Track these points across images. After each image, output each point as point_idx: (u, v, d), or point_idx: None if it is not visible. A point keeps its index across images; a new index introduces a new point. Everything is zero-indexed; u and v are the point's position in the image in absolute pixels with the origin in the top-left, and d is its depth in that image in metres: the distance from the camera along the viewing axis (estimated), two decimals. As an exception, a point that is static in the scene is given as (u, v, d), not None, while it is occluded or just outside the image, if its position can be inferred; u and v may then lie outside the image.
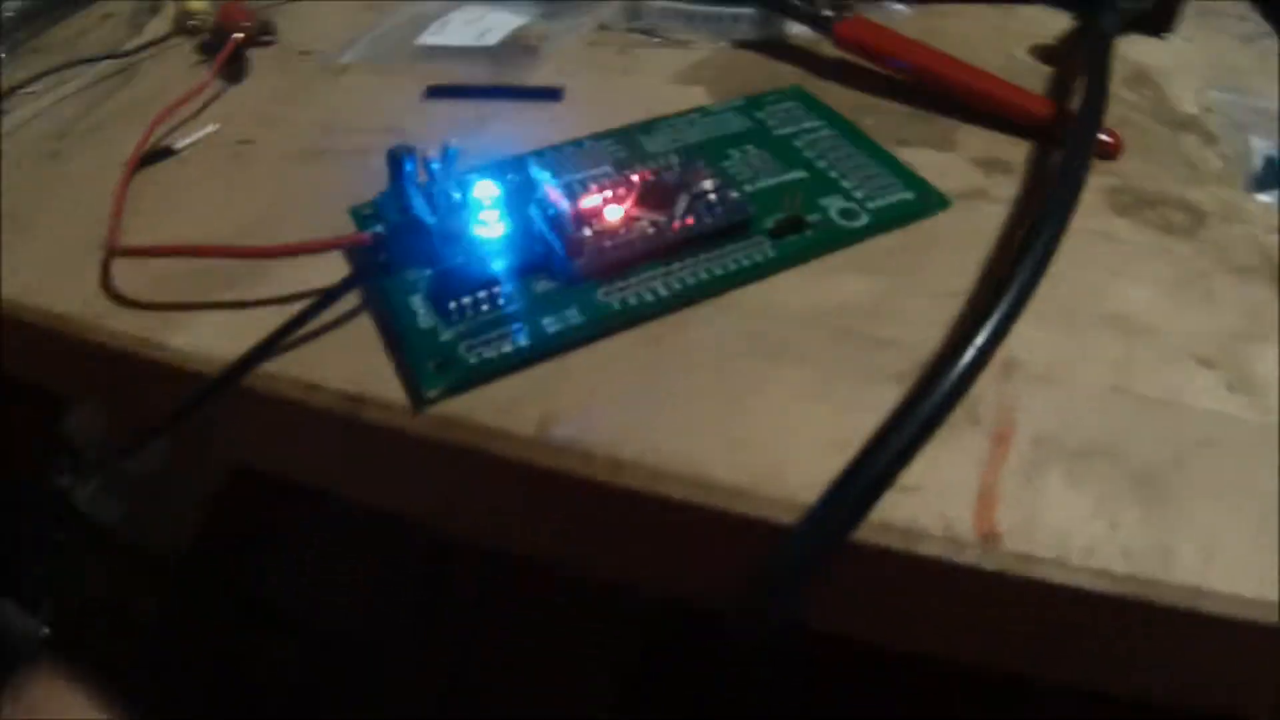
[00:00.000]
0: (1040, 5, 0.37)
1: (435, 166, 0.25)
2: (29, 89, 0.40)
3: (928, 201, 0.27)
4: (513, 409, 0.22)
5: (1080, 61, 0.33)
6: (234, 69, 0.38)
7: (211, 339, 0.26)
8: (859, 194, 0.27)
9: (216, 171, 0.33)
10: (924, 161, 0.29)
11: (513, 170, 0.28)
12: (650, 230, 0.24)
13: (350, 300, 0.25)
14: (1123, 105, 0.32)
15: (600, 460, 0.21)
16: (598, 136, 0.30)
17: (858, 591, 0.21)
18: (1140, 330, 0.24)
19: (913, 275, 0.25)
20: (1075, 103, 0.29)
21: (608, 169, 0.28)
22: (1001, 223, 0.27)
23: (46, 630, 0.57)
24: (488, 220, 0.25)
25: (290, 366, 0.24)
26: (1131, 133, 0.30)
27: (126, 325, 0.27)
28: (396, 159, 0.25)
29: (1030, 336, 0.23)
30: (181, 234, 0.30)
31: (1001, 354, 0.22)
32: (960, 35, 0.35)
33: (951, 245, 0.26)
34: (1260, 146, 0.30)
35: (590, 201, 0.25)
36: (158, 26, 0.44)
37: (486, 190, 0.25)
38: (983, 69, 0.31)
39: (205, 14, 0.42)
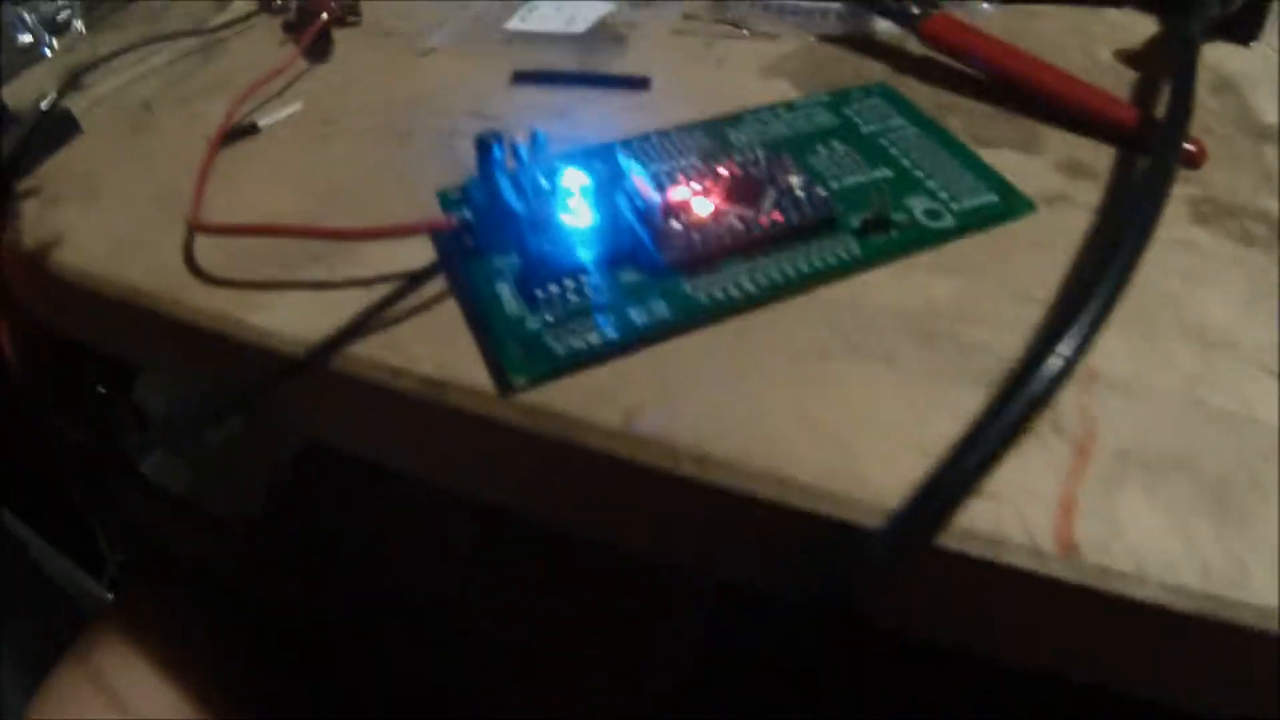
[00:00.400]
0: (1127, 9, 0.37)
1: (523, 152, 0.26)
2: (112, 63, 0.41)
3: (1012, 204, 0.27)
4: (599, 400, 0.22)
5: (1165, 67, 0.32)
6: (319, 48, 0.39)
7: (292, 318, 0.26)
8: (944, 195, 0.27)
9: (300, 150, 0.33)
10: (1007, 163, 0.28)
11: (600, 159, 0.28)
12: (738, 225, 0.24)
13: (435, 285, 0.26)
14: (1205, 113, 0.31)
15: (684, 454, 0.21)
16: (684, 128, 0.30)
17: (934, 596, 0.21)
18: (1217, 342, 0.23)
19: (997, 279, 0.25)
20: (1159, 109, 0.29)
21: (694, 160, 0.28)
22: (1085, 228, 0.26)
23: (110, 594, 0.58)
24: (575, 209, 0.25)
25: (374, 349, 0.25)
26: (1214, 141, 0.30)
27: (205, 301, 0.27)
28: (485, 145, 0.26)
29: (1111, 346, 0.22)
30: (264, 211, 0.30)
31: (1084, 363, 0.22)
32: (1044, 36, 0.35)
33: (1036, 249, 0.26)
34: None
35: (678, 194, 0.25)
36: (241, 6, 0.45)
37: (575, 179, 0.25)
38: (1067, 72, 0.30)
39: (291, -8, 0.42)
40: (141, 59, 0.41)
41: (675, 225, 0.24)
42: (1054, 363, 0.21)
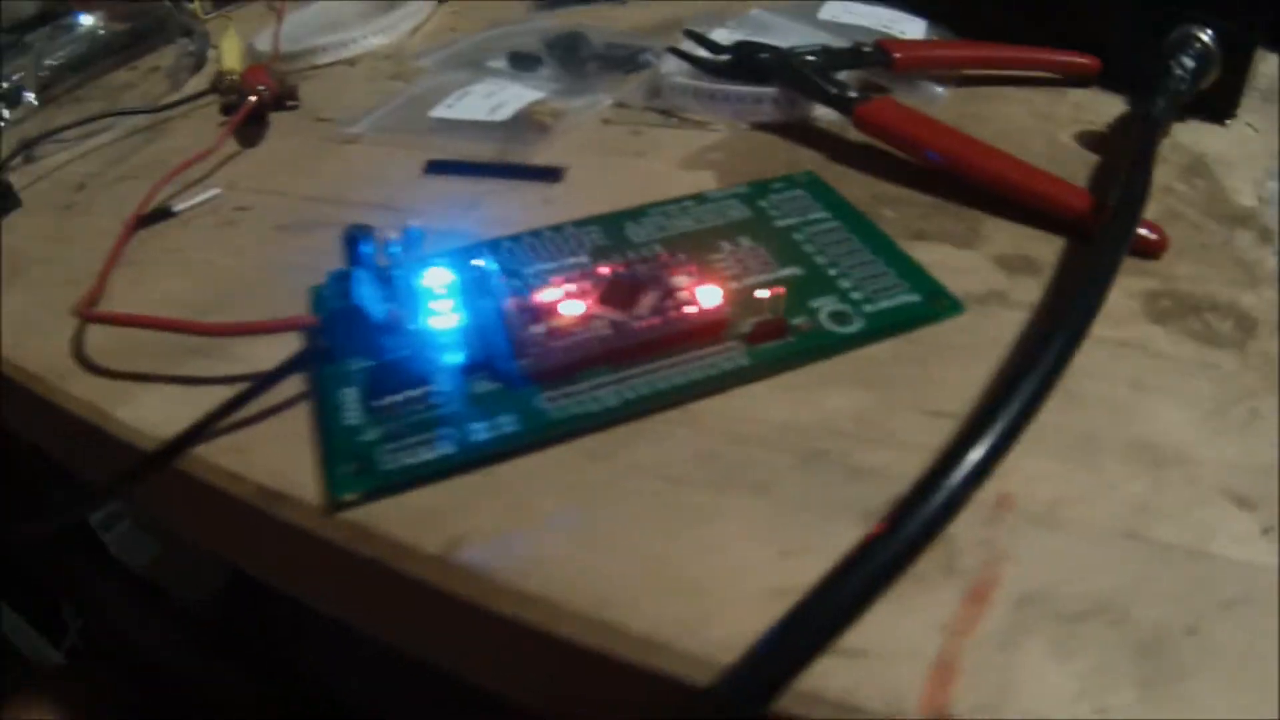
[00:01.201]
0: (1093, 88, 0.34)
1: (395, 249, 0.24)
2: (60, 137, 0.40)
3: (937, 305, 0.24)
4: (425, 523, 0.20)
5: (1130, 150, 0.30)
6: (252, 132, 0.38)
7: (155, 413, 0.25)
8: (856, 295, 0.24)
9: (208, 238, 0.32)
10: (941, 259, 0.26)
11: (485, 255, 0.26)
12: (607, 331, 0.22)
13: (298, 386, 0.24)
14: (1173, 198, 0.28)
15: (503, 591, 0.19)
16: (581, 223, 0.28)
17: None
18: (1169, 461, 0.20)
19: (907, 390, 0.22)
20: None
21: (583, 259, 0.26)
22: (1018, 331, 0.24)
23: (64, 659, 0.57)
24: (441, 310, 0.23)
25: (219, 452, 0.23)
26: (1180, 228, 0.27)
27: (82, 390, 0.26)
28: (352, 240, 0.24)
29: (1034, 468, 0.20)
30: (164, 298, 0.29)
31: (995, 488, 0.19)
32: (1003, 119, 0.33)
33: (958, 356, 0.23)
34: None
35: (547, 295, 0.23)
36: (197, 83, 0.44)
37: (439, 278, 0.23)
38: (1015, 156, 0.28)
39: (237, 75, 0.42)
40: (90, 134, 0.41)
41: (537, 330, 0.22)
42: (944, 491, 0.18)
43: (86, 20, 0.46)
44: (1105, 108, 0.33)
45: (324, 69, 0.43)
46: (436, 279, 0.23)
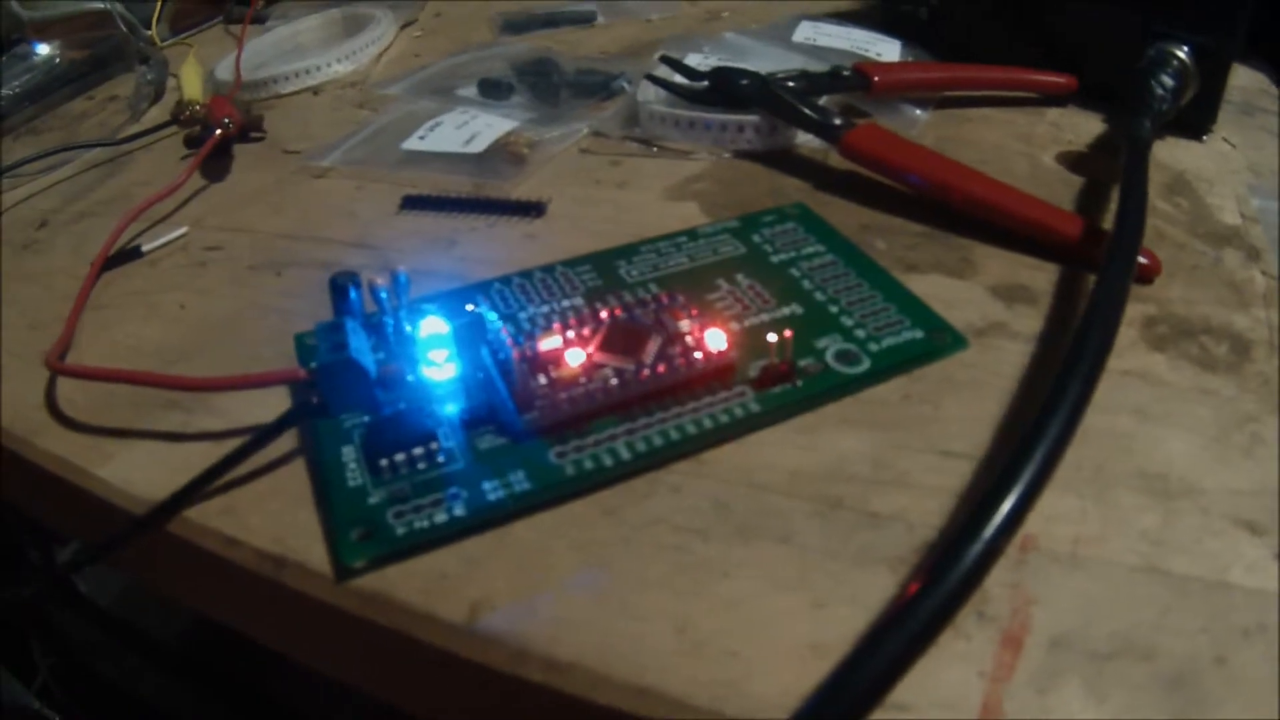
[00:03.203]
0: (1070, 106, 0.34)
1: (383, 296, 0.23)
2: (16, 172, 0.38)
3: (940, 341, 0.23)
4: (443, 589, 0.19)
5: (1113, 169, 0.30)
6: (217, 166, 0.36)
7: (140, 472, 0.23)
8: (861, 333, 0.24)
9: (178, 280, 0.31)
10: (937, 290, 0.25)
11: (476, 299, 0.25)
12: (613, 381, 0.21)
13: (288, 442, 0.23)
14: (1158, 217, 0.28)
15: (535, 659, 0.18)
16: (571, 262, 0.27)
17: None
18: (1178, 491, 0.20)
19: (919, 430, 0.22)
20: (1107, 218, 0.26)
21: (578, 301, 0.25)
22: (1024, 364, 0.23)
23: (37, 703, 0.54)
24: (437, 361, 0.22)
25: (213, 515, 0.22)
26: (1168, 249, 0.27)
27: (57, 445, 0.25)
28: (340, 288, 0.23)
29: (1052, 506, 0.19)
30: (133, 346, 0.28)
31: (1018, 530, 0.18)
32: (984, 142, 0.32)
33: (966, 393, 0.22)
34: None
35: (549, 343, 0.22)
36: (158, 114, 0.42)
37: (434, 327, 0.22)
38: (1004, 183, 0.28)
39: (200, 105, 0.40)
40: (49, 168, 0.39)
41: (540, 381, 0.21)
42: (980, 544, 0.17)
43: (43, 49, 0.44)
44: (1084, 126, 0.33)
45: (287, 98, 0.42)
46: (431, 328, 0.22)
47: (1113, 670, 0.16)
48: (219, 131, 0.35)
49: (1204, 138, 0.32)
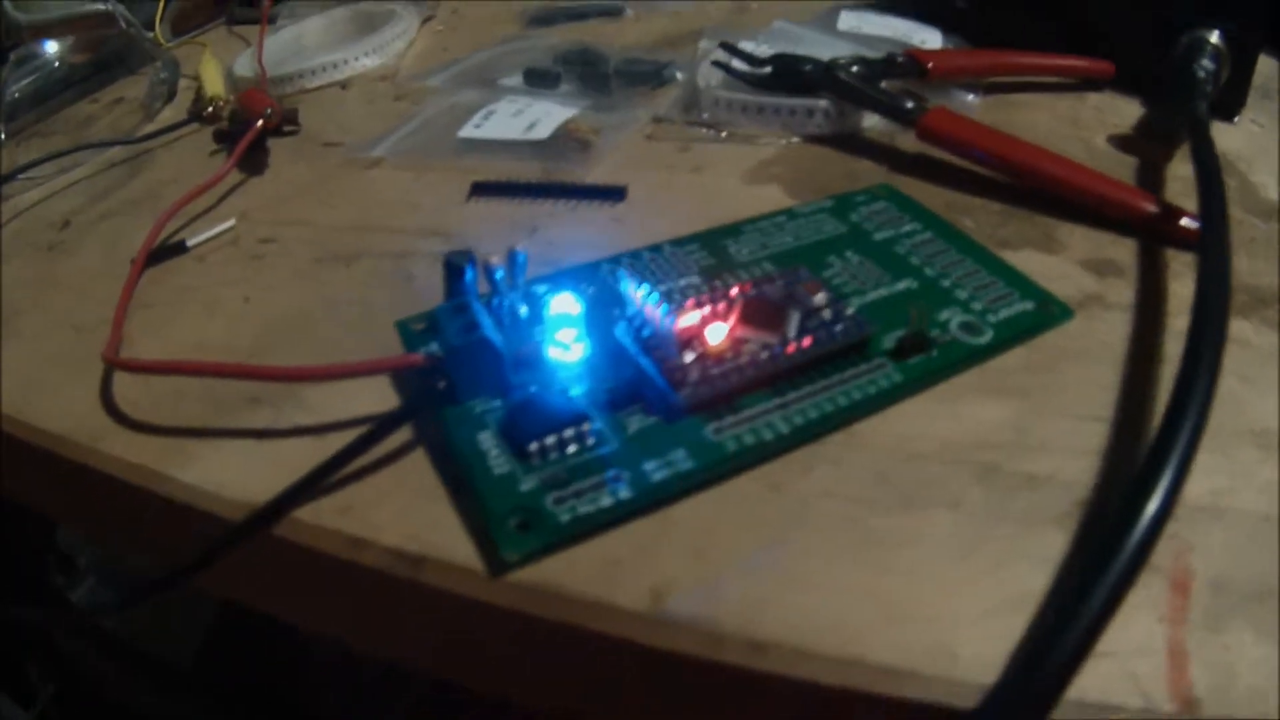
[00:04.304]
0: (1106, 91, 0.33)
1: (499, 276, 0.20)
2: (30, 174, 0.35)
3: (1049, 312, 0.22)
4: (617, 576, 0.17)
5: (1162, 151, 0.30)
6: (254, 160, 0.34)
7: (228, 474, 0.21)
8: (977, 306, 0.22)
9: (234, 274, 0.28)
10: (1031, 265, 0.24)
11: (588, 279, 0.23)
12: (762, 354, 0.19)
13: (401, 434, 0.20)
14: None
15: (733, 641, 0.16)
16: (679, 242, 0.25)
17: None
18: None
19: (1049, 397, 0.20)
20: (1168, 194, 0.26)
21: (694, 280, 0.23)
22: (1128, 333, 0.22)
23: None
24: (565, 341, 0.20)
25: (331, 516, 0.19)
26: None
27: (126, 450, 0.22)
28: (456, 268, 0.21)
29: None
30: (193, 345, 0.25)
31: None
32: (1036, 125, 0.31)
33: (1083, 360, 0.21)
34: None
35: (688, 320, 0.20)
36: (172, 114, 0.39)
37: (566, 305, 0.20)
38: (1080, 163, 0.27)
39: (224, 101, 0.37)
40: (63, 170, 0.36)
41: (689, 358, 0.19)
42: (1158, 498, 0.16)
43: (52, 47, 0.40)
44: (1125, 110, 0.32)
45: (314, 92, 0.39)
46: (562, 306, 0.20)
47: (1269, 610, 0.16)
48: (260, 122, 0.32)
49: (1235, 120, 0.32)
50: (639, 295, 0.20)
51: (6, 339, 0.27)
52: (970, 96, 0.32)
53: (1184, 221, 0.25)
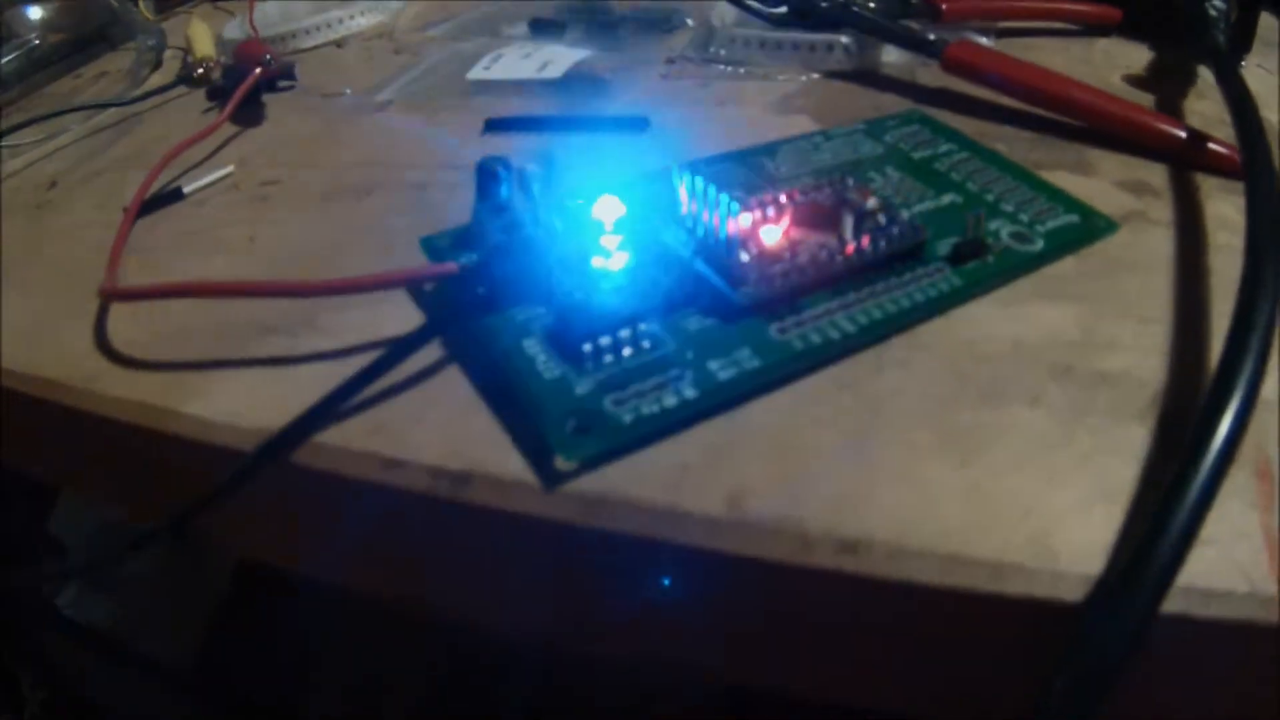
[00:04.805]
0: (1114, 37, 0.32)
1: (533, 182, 0.19)
2: (12, 141, 0.32)
3: (1095, 225, 0.21)
4: (687, 481, 0.15)
5: (1177, 92, 0.28)
6: (249, 114, 0.31)
7: (241, 404, 0.18)
8: (1024, 218, 0.21)
9: (236, 215, 0.26)
10: (1068, 185, 0.23)
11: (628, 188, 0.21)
12: (821, 255, 0.18)
13: (427, 351, 0.18)
14: (1229, 131, 0.27)
15: (822, 543, 0.14)
16: (713, 159, 0.23)
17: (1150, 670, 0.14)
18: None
19: (1107, 302, 0.19)
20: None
21: (737, 192, 0.21)
22: (1173, 246, 0.21)
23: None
24: (609, 246, 0.18)
25: (358, 436, 0.17)
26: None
27: (126, 388, 0.20)
28: (490, 171, 0.19)
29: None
30: (205, 277, 0.23)
31: None
32: (1052, 65, 0.30)
33: (1135, 269, 0.20)
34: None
35: (742, 222, 0.18)
36: (159, 80, 0.37)
37: (610, 208, 0.18)
38: (1106, 91, 0.25)
39: (215, 61, 0.35)
40: (49, 135, 0.33)
41: (746, 258, 0.17)
42: (1239, 393, 0.15)
43: (35, 13, 0.38)
44: (1134, 54, 0.31)
45: (308, 52, 0.37)
46: (606, 209, 0.18)
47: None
48: (259, 70, 0.30)
49: (1242, 64, 0.31)
50: (688, 196, 0.18)
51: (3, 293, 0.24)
52: (984, 39, 0.30)
53: (1213, 146, 0.24)
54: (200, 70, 0.35)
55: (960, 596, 0.14)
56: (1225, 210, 0.22)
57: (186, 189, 0.27)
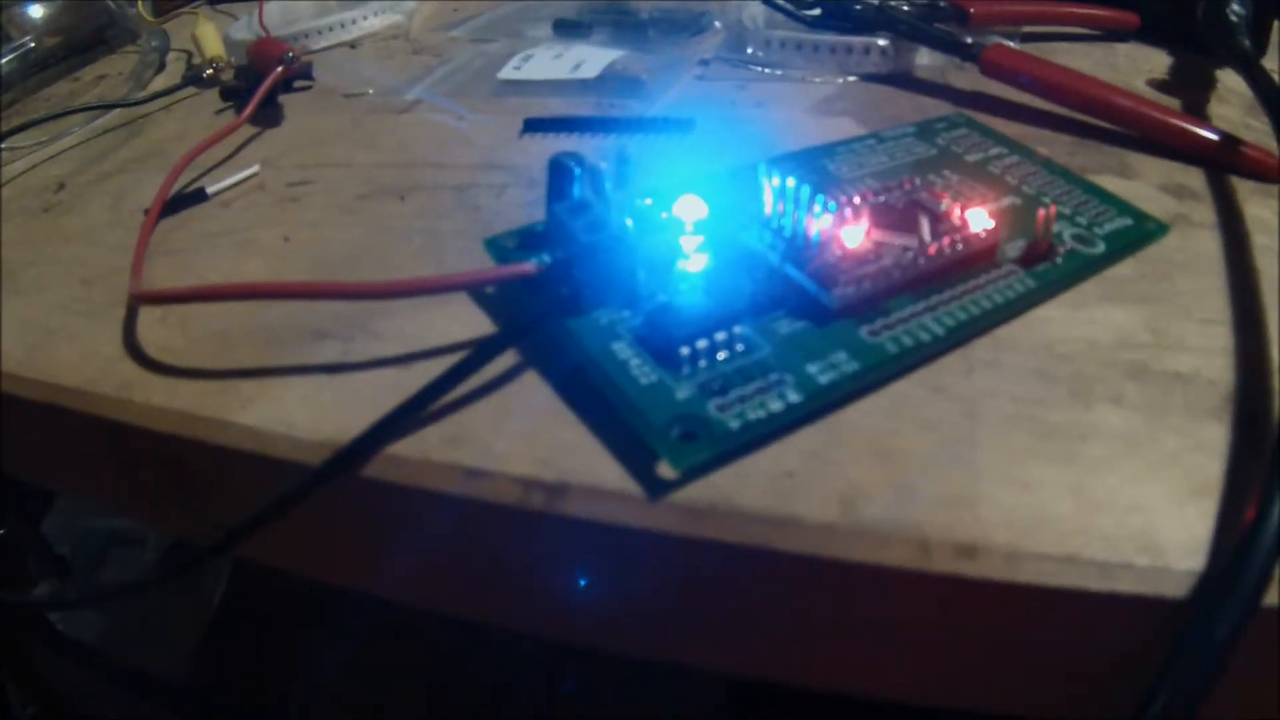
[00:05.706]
0: (1133, 42, 0.33)
1: (605, 180, 0.18)
2: (12, 144, 0.31)
3: (1147, 228, 0.21)
4: (794, 487, 0.15)
5: (1201, 96, 0.29)
6: (267, 115, 0.31)
7: (295, 414, 0.18)
8: (1082, 220, 0.21)
9: (269, 216, 0.25)
10: (1114, 188, 0.23)
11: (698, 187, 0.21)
12: (906, 256, 0.17)
13: (501, 358, 0.18)
14: (1254, 134, 0.27)
15: (941, 547, 0.14)
16: (775, 160, 0.23)
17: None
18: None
19: (1170, 303, 0.19)
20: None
21: (805, 193, 0.21)
22: (1222, 248, 0.21)
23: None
24: (688, 247, 0.18)
25: (437, 448, 0.16)
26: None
27: (167, 397, 0.19)
28: (563, 168, 0.18)
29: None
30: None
31: None
32: (1080, 69, 0.30)
33: (1189, 270, 0.20)
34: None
35: (822, 224, 0.18)
36: (163, 82, 0.36)
37: (692, 208, 0.18)
38: (1140, 95, 0.26)
39: (225, 61, 0.34)
40: (52, 138, 0.32)
41: (830, 260, 0.17)
42: None
43: (35, 12, 0.36)
44: (1154, 59, 0.32)
45: (320, 53, 0.36)
46: (688, 209, 0.18)
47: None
48: (280, 68, 0.29)
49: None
50: (773, 196, 0.18)
51: (6, 297, 0.23)
52: (1011, 44, 0.31)
53: (1249, 150, 0.24)
54: (210, 71, 0.34)
55: (1072, 596, 0.14)
56: (1261, 213, 0.23)
57: (210, 189, 0.26)
